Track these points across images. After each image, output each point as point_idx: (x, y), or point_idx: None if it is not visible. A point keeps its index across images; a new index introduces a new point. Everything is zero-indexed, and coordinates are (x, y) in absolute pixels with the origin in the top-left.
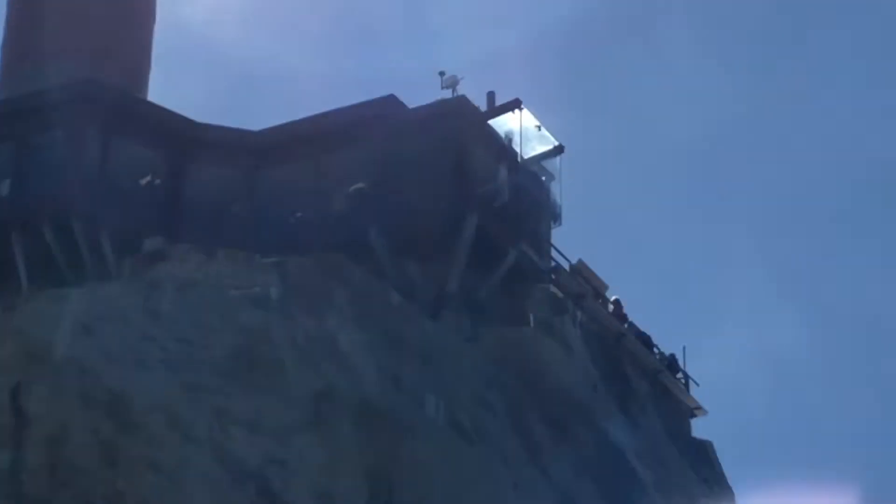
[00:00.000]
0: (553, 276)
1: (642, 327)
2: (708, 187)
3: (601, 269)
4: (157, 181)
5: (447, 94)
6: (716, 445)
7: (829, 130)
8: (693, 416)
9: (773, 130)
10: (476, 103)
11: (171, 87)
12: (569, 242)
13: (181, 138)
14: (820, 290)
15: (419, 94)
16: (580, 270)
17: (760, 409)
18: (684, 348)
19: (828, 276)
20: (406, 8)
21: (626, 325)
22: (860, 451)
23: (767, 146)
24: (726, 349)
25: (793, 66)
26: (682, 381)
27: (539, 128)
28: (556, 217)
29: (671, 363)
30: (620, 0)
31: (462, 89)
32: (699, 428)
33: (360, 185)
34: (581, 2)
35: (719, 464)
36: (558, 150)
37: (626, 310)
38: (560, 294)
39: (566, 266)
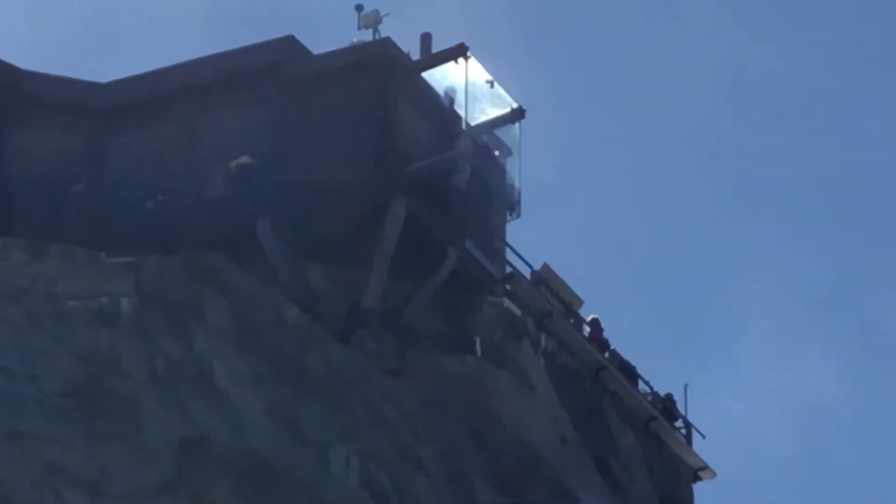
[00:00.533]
0: (508, 287)
1: (629, 357)
2: (717, 170)
3: (574, 277)
4: None
5: (366, 35)
6: None
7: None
8: (697, 479)
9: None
10: (406, 48)
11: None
12: (531, 240)
13: (3, 92)
14: (862, 318)
15: (328, 34)
16: (546, 279)
17: (785, 470)
18: (686, 387)
19: (872, 300)
20: None
21: (607, 354)
22: None
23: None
24: (741, 389)
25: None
26: (683, 431)
27: (492, 84)
28: (513, 206)
29: (668, 406)
30: None
31: (387, 29)
32: (705, 495)
33: (245, 158)
34: None
35: None
36: (518, 115)
37: (607, 333)
38: (518, 311)
39: (527, 273)
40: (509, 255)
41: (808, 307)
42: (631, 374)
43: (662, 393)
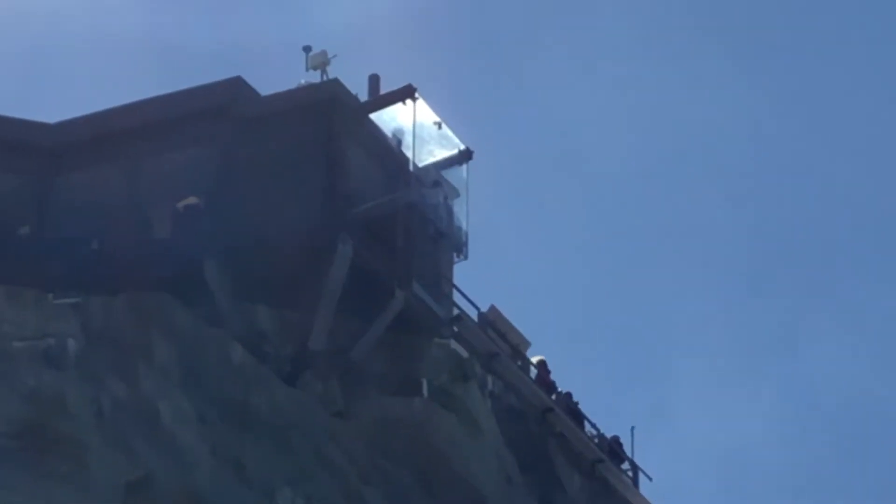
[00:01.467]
0: (455, 329)
1: (575, 398)
2: (663, 211)
3: (521, 319)
4: None
5: (314, 76)
6: None
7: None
8: None
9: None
10: (354, 90)
11: None
12: (478, 282)
13: None
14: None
15: (276, 75)
16: (493, 321)
17: None
18: (633, 429)
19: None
20: None
21: (553, 396)
22: None
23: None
24: (688, 432)
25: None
26: (630, 473)
27: (440, 125)
28: (460, 247)
29: (614, 448)
30: None
31: (335, 70)
32: None
33: (192, 199)
34: None
35: None
36: (465, 156)
37: (553, 375)
38: (465, 353)
39: (474, 315)
40: (456, 297)
41: (747, 351)
42: (577, 416)
43: (609, 435)
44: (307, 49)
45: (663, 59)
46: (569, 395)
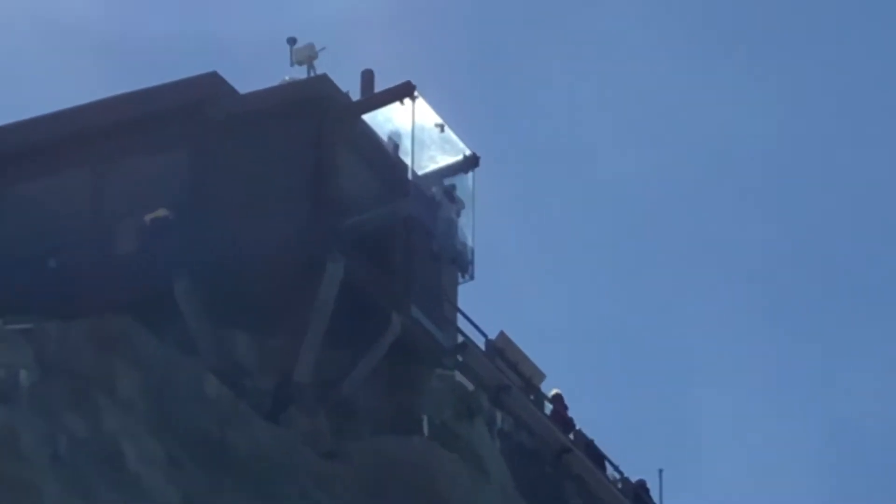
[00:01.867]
0: (460, 358)
1: (596, 438)
2: (685, 224)
3: (534, 347)
4: None
5: (300, 72)
6: None
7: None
8: None
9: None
10: (345, 87)
11: None
12: (485, 306)
13: None
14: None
15: (257, 71)
16: (502, 349)
17: None
18: (661, 472)
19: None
20: None
21: (571, 435)
22: None
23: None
24: (722, 475)
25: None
26: None
27: (442, 128)
28: (465, 266)
29: (640, 494)
30: None
31: (323, 65)
32: None
33: (161, 211)
34: None
35: None
36: (471, 163)
37: (572, 411)
38: (470, 386)
39: (481, 343)
40: (461, 322)
41: (779, 386)
42: (598, 457)
43: (634, 479)
44: (292, 41)
45: (674, 59)
46: (590, 442)
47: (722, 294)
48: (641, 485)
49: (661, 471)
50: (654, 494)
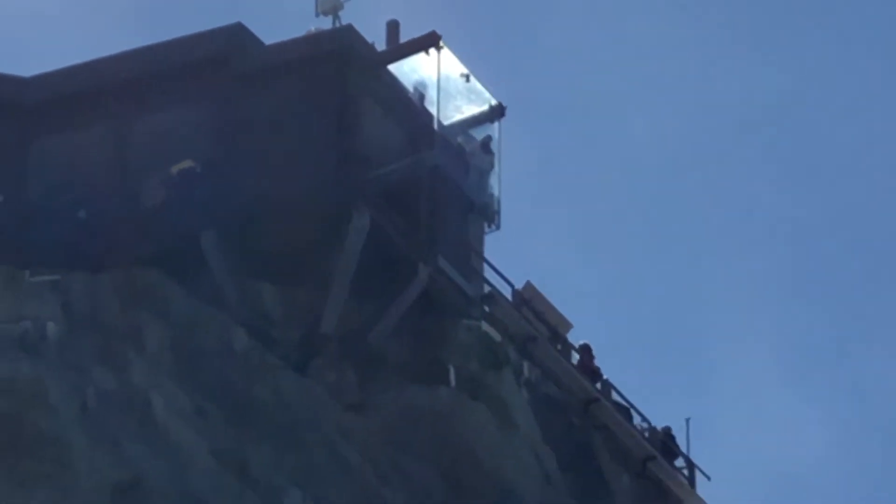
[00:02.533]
0: (487, 309)
1: (623, 388)
2: (709, 189)
3: (562, 297)
4: None
5: (326, 22)
6: None
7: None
8: None
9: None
10: (370, 38)
11: None
12: (512, 255)
13: None
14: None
15: (282, 22)
16: (529, 299)
17: None
18: (688, 421)
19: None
20: None
21: (598, 385)
22: None
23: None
24: (749, 423)
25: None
26: (685, 471)
27: (467, 78)
28: (491, 216)
29: (667, 443)
30: None
31: (348, 16)
32: None
33: (187, 162)
34: None
35: None
36: (497, 113)
37: (599, 361)
38: (497, 336)
39: (507, 293)
40: (488, 273)
41: (794, 355)
42: (626, 407)
43: (660, 427)
44: None
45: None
46: (668, 429)
47: (746, 254)
48: (667, 432)
49: (688, 420)
50: (682, 443)
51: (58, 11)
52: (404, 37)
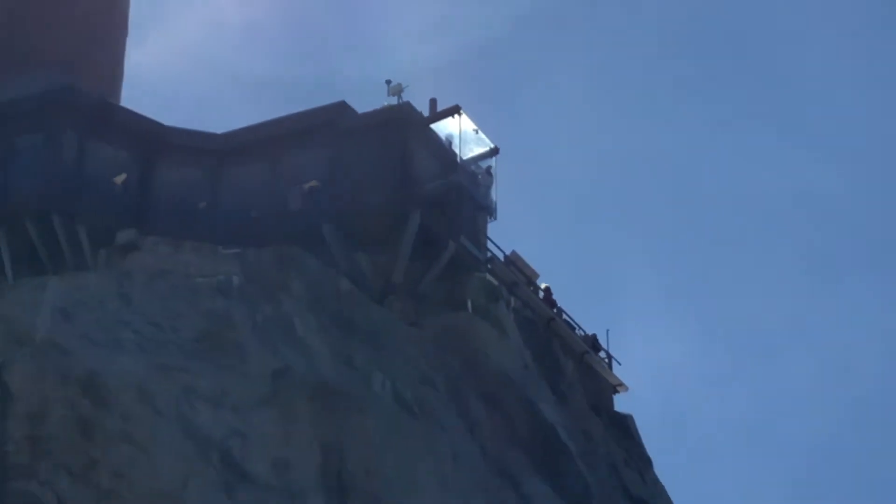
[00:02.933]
0: (489, 266)
1: (569, 310)
2: (621, 195)
3: (533, 258)
4: (130, 179)
5: (393, 100)
6: (635, 418)
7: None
8: (616, 392)
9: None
10: (419, 109)
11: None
12: (503, 235)
13: (151, 140)
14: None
15: (368, 100)
16: (514, 261)
17: (672, 386)
18: (608, 331)
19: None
20: (356, 23)
21: (555, 310)
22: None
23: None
24: (649, 333)
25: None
26: (606, 360)
27: (476, 131)
28: (491, 212)
29: (594, 343)
30: (556, 11)
31: (406, 96)
32: (621, 402)
33: (313, 183)
34: (513, 20)
35: (639, 435)
36: (494, 152)
37: (555, 296)
38: (495, 282)
39: (501, 257)
40: (489, 245)
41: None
42: (570, 322)
43: (590, 333)
44: (388, 82)
45: None
46: (594, 335)
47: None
48: (594, 337)
49: (608, 330)
50: (604, 343)
51: (233, 93)
52: (440, 107)
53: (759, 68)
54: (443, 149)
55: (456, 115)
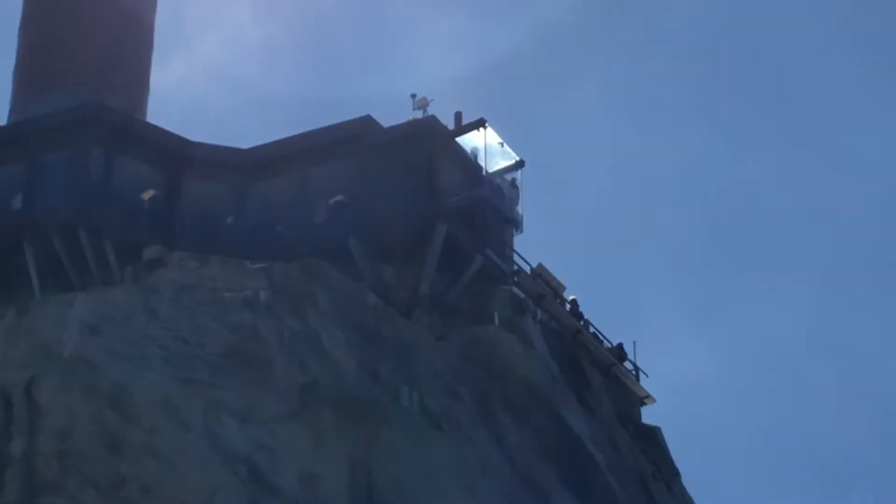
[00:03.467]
0: (515, 279)
1: (595, 322)
2: (644, 208)
3: (559, 271)
4: (156, 195)
5: (418, 114)
6: (663, 430)
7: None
8: (643, 403)
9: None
10: (444, 122)
11: (171, 105)
12: (529, 247)
13: (177, 156)
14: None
15: (393, 114)
16: (540, 273)
17: (698, 399)
18: (634, 343)
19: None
20: (378, 39)
21: (581, 322)
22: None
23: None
24: (674, 346)
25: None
26: (633, 372)
27: (502, 144)
28: (518, 225)
29: (620, 354)
30: (577, 26)
31: (432, 110)
32: (649, 414)
33: (339, 197)
34: (535, 34)
35: (667, 447)
36: (519, 165)
37: (581, 308)
38: (522, 295)
39: (527, 269)
40: (516, 258)
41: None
42: (596, 335)
43: (615, 343)
44: (413, 96)
45: None
46: (620, 344)
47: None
48: (620, 346)
49: (634, 342)
50: (630, 355)
51: (261, 109)
52: (465, 121)
53: (780, 83)
54: (468, 162)
55: (481, 129)
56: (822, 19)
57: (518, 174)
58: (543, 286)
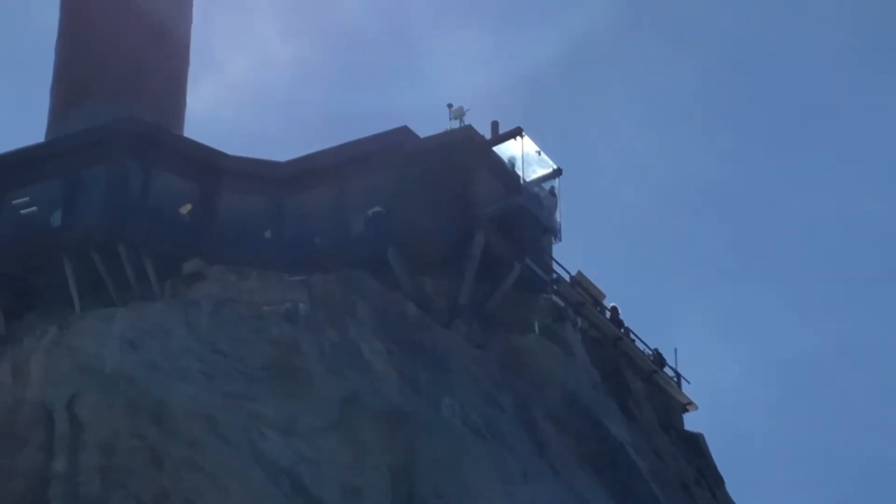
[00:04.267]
0: (555, 287)
1: (636, 329)
2: (678, 218)
3: (598, 279)
4: (194, 208)
5: (455, 124)
6: (706, 437)
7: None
8: (685, 410)
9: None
10: (481, 132)
11: (204, 125)
12: (568, 256)
13: (215, 169)
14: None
15: (430, 124)
16: (579, 281)
17: (741, 407)
18: (675, 350)
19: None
20: (411, 53)
21: (622, 330)
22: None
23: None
24: (712, 352)
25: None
26: (675, 378)
27: (539, 153)
28: (556, 233)
29: (660, 360)
30: (605, 37)
31: (468, 119)
32: (691, 421)
33: (377, 208)
34: (564, 43)
35: (710, 454)
36: (557, 173)
37: (621, 315)
38: (561, 303)
39: (567, 277)
40: (555, 267)
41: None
42: (637, 342)
43: (652, 347)
44: (450, 105)
45: None
46: (657, 349)
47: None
48: (657, 351)
49: (675, 349)
50: (671, 362)
51: (291, 122)
52: (501, 130)
53: (811, 91)
54: (506, 171)
55: (518, 138)
56: (854, 27)
57: (556, 182)
58: (583, 294)
